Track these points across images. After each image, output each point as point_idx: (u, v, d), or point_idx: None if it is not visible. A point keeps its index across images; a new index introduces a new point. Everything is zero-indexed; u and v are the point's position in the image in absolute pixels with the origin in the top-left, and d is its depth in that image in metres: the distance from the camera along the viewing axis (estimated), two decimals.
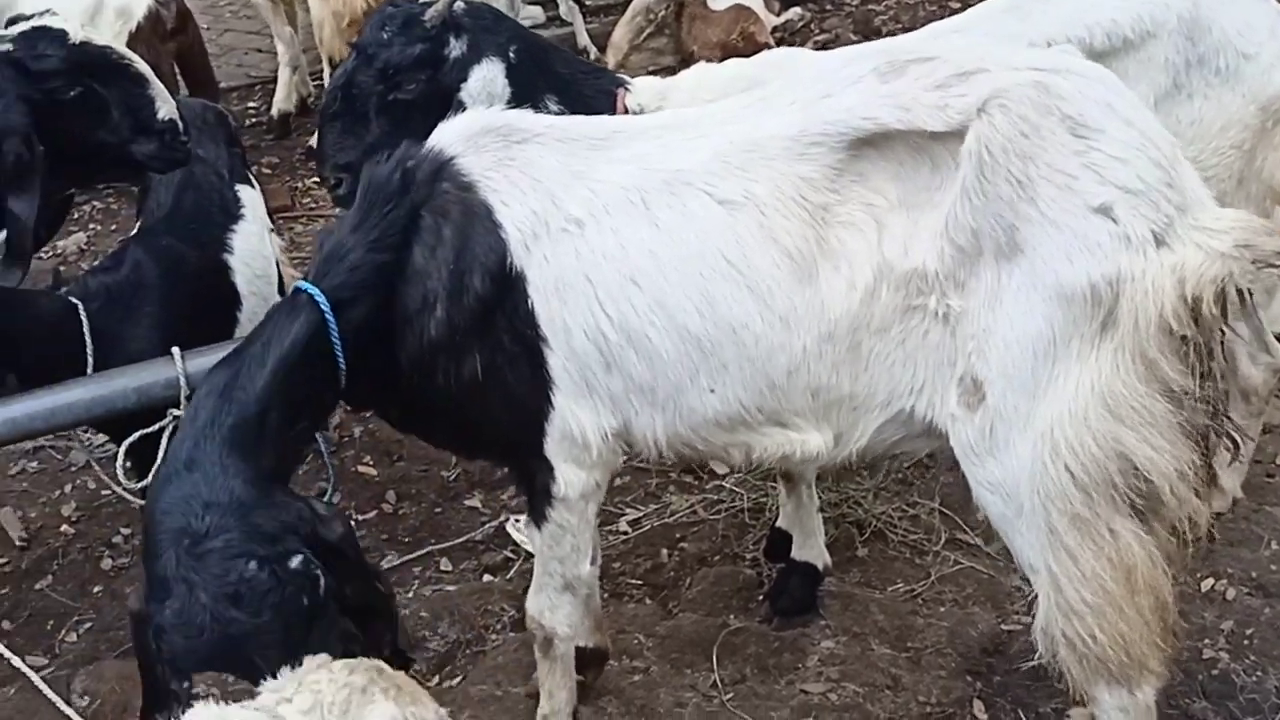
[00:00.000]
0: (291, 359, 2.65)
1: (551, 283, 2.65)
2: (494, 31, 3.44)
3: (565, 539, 2.87)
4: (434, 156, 2.73)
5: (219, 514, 2.45)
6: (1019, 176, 2.39)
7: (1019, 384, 2.44)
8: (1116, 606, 2.45)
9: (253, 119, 7.57)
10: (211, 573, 2.38)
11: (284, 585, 2.40)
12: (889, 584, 3.78)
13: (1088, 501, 2.42)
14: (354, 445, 4.74)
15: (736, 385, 2.66)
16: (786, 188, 2.56)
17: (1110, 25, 3.34)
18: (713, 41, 6.38)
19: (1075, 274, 2.36)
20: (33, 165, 3.30)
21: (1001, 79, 2.46)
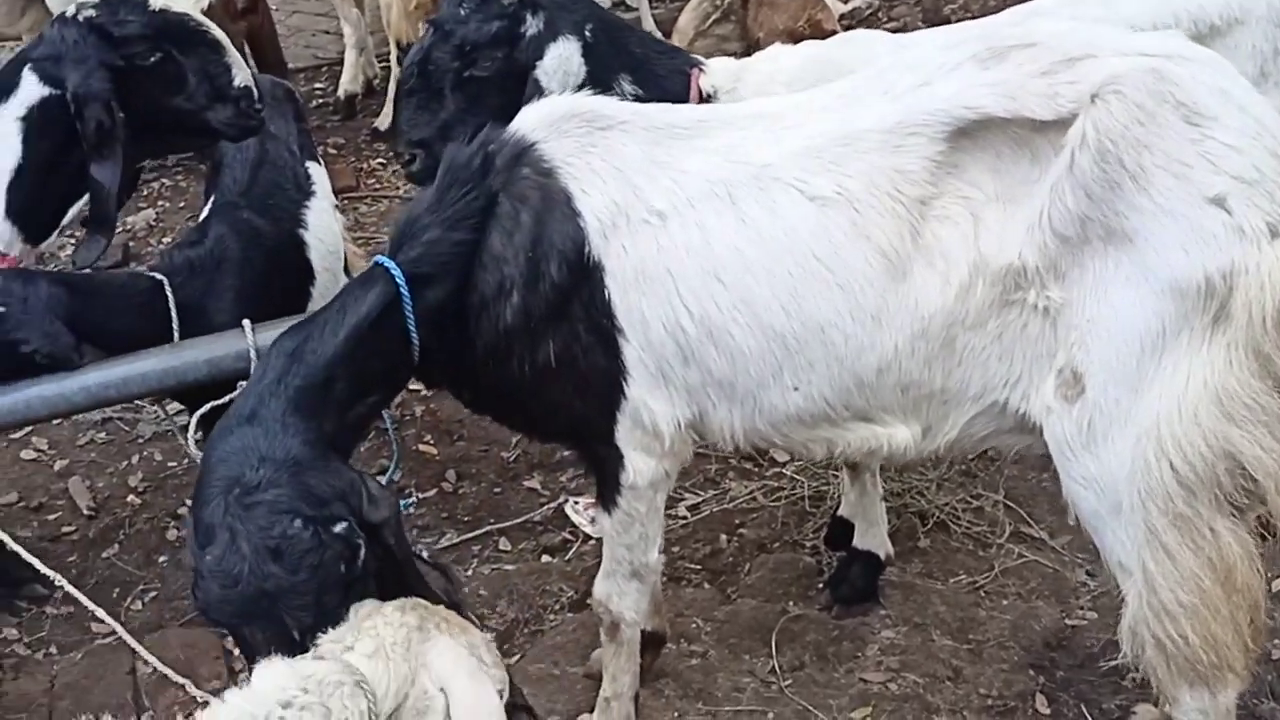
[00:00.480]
0: (364, 329, 2.66)
1: (630, 273, 2.63)
2: (570, 10, 3.43)
3: (634, 527, 2.87)
4: (516, 141, 2.72)
5: (273, 469, 2.45)
6: (1133, 166, 2.33)
7: (1122, 377, 2.38)
8: (1212, 607, 2.39)
9: (319, 100, 7.63)
10: (257, 524, 2.38)
11: (325, 548, 2.39)
12: (951, 575, 3.74)
13: (1190, 500, 2.35)
14: (415, 424, 4.77)
15: (822, 383, 2.62)
16: (881, 182, 2.50)
17: (1197, 11, 3.28)
18: (779, 28, 6.33)
19: (1189, 266, 2.30)
20: (114, 132, 3.34)
21: (1114, 65, 2.39)
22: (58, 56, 3.38)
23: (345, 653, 2.14)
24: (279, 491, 2.42)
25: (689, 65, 3.47)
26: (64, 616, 3.86)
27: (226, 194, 3.86)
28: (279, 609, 2.37)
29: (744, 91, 3.38)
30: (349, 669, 2.10)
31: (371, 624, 2.19)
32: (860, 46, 3.46)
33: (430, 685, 2.15)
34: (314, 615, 2.36)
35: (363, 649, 2.14)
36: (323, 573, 2.38)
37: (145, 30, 3.38)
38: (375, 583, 2.50)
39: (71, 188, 3.55)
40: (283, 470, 2.45)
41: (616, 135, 2.69)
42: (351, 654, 2.13)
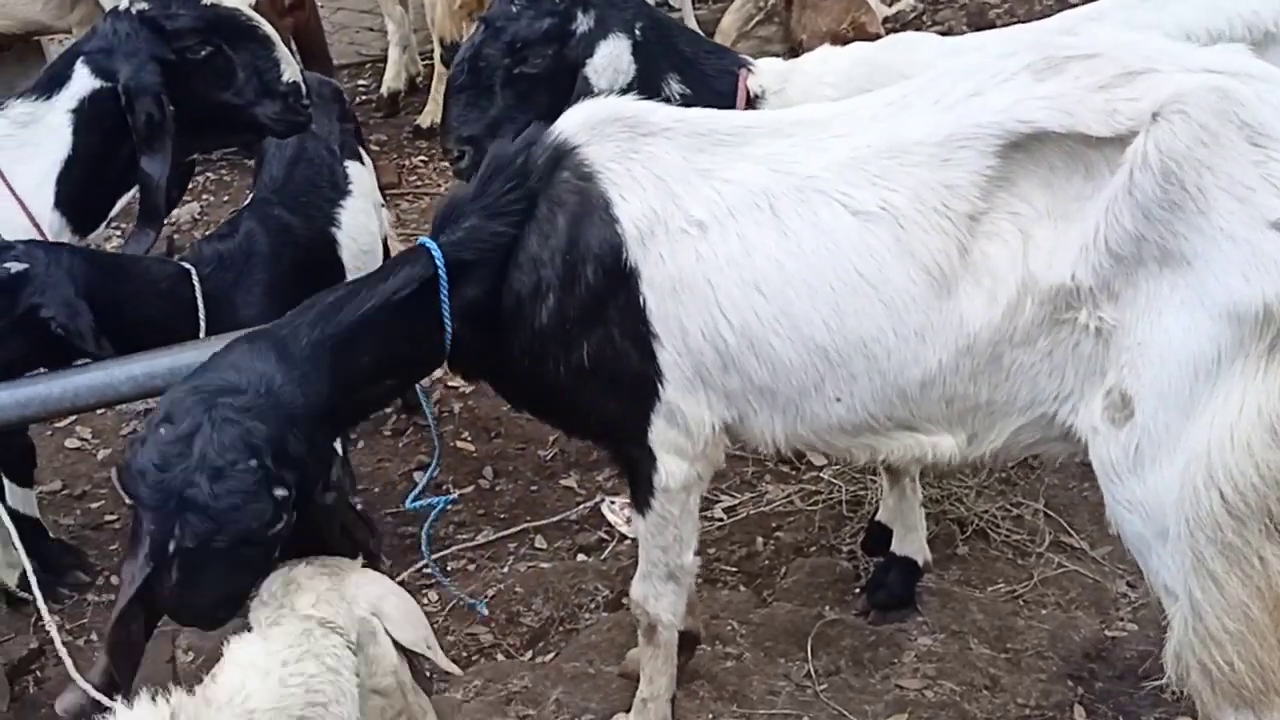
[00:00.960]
0: (398, 301, 2.66)
1: (668, 282, 2.62)
2: (621, 8, 3.43)
3: (668, 529, 2.86)
4: (558, 144, 2.71)
5: (270, 405, 2.46)
6: (1194, 187, 2.27)
7: (1173, 402, 2.32)
8: (1259, 635, 2.34)
9: (362, 97, 7.68)
10: (221, 439, 2.39)
11: (256, 500, 2.40)
12: (990, 583, 3.72)
13: (1240, 529, 2.30)
14: (453, 421, 4.79)
15: (865, 396, 2.60)
16: (929, 197, 2.46)
17: (1251, 17, 3.23)
18: (822, 30, 6.31)
19: (1249, 291, 2.24)
20: (164, 125, 3.37)
21: (1177, 82, 2.33)
22: (110, 49, 3.42)
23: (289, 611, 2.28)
24: (259, 428, 2.43)
25: (737, 65, 3.46)
26: (105, 604, 3.90)
27: (262, 190, 3.89)
28: (182, 518, 2.38)
29: (791, 93, 3.37)
30: (307, 618, 2.25)
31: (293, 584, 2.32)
32: (909, 49, 3.44)
33: (364, 612, 2.35)
34: (200, 542, 2.39)
35: (304, 603, 2.27)
36: (238, 516, 2.39)
37: (197, 24, 3.41)
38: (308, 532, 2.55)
39: (120, 180, 3.59)
40: (276, 413, 2.46)
41: (659, 142, 2.68)
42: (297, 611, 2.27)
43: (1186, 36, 3.19)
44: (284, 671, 2.18)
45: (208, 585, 2.48)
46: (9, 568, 3.79)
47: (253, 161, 4.26)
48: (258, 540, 2.43)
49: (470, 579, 3.95)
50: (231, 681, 2.18)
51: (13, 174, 3.41)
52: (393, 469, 4.59)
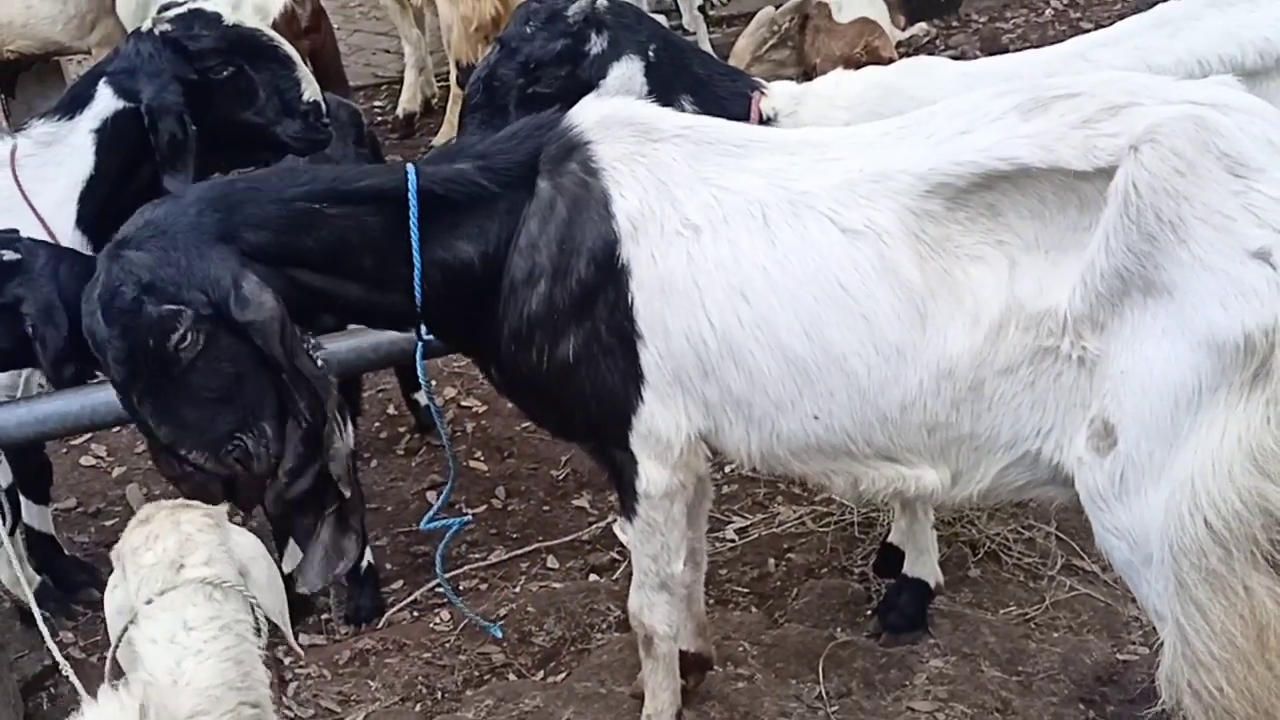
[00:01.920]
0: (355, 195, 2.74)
1: (657, 282, 2.65)
2: (635, 30, 3.46)
3: (654, 537, 2.88)
4: (571, 136, 2.76)
5: (151, 233, 2.64)
6: (1171, 217, 2.28)
7: (1156, 431, 2.33)
8: (1246, 662, 2.34)
9: (378, 118, 7.73)
10: (110, 275, 2.62)
11: (139, 317, 2.58)
12: (1001, 606, 3.71)
13: (1225, 558, 2.30)
14: (465, 440, 4.80)
15: (843, 414, 2.60)
16: (910, 221, 2.50)
17: (1264, 44, 3.24)
18: (836, 54, 6.33)
19: (1228, 322, 2.24)
20: (186, 144, 3.42)
21: (1155, 114, 2.35)
22: (133, 70, 3.46)
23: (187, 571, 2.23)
24: (139, 255, 2.61)
25: (750, 88, 3.48)
26: None
27: None
28: (96, 350, 2.66)
29: (804, 115, 3.39)
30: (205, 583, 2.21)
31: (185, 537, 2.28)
32: (922, 74, 3.46)
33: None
34: (122, 373, 2.62)
35: (196, 561, 2.24)
36: (130, 337, 2.58)
37: (219, 45, 3.46)
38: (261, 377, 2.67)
39: (141, 199, 3.59)
40: (159, 239, 2.62)
41: (666, 147, 2.72)
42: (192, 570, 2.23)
43: (1199, 63, 3.21)
44: (212, 647, 2.16)
45: (167, 407, 2.65)
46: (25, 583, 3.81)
47: None
48: (166, 356, 2.59)
49: (482, 598, 3.96)
50: (163, 662, 2.14)
51: (35, 193, 3.45)
52: (406, 488, 4.61)
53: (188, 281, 2.58)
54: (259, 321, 2.61)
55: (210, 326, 2.60)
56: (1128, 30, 3.43)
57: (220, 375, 2.64)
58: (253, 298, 2.60)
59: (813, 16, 6.55)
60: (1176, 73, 3.22)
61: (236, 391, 2.66)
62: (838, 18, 6.55)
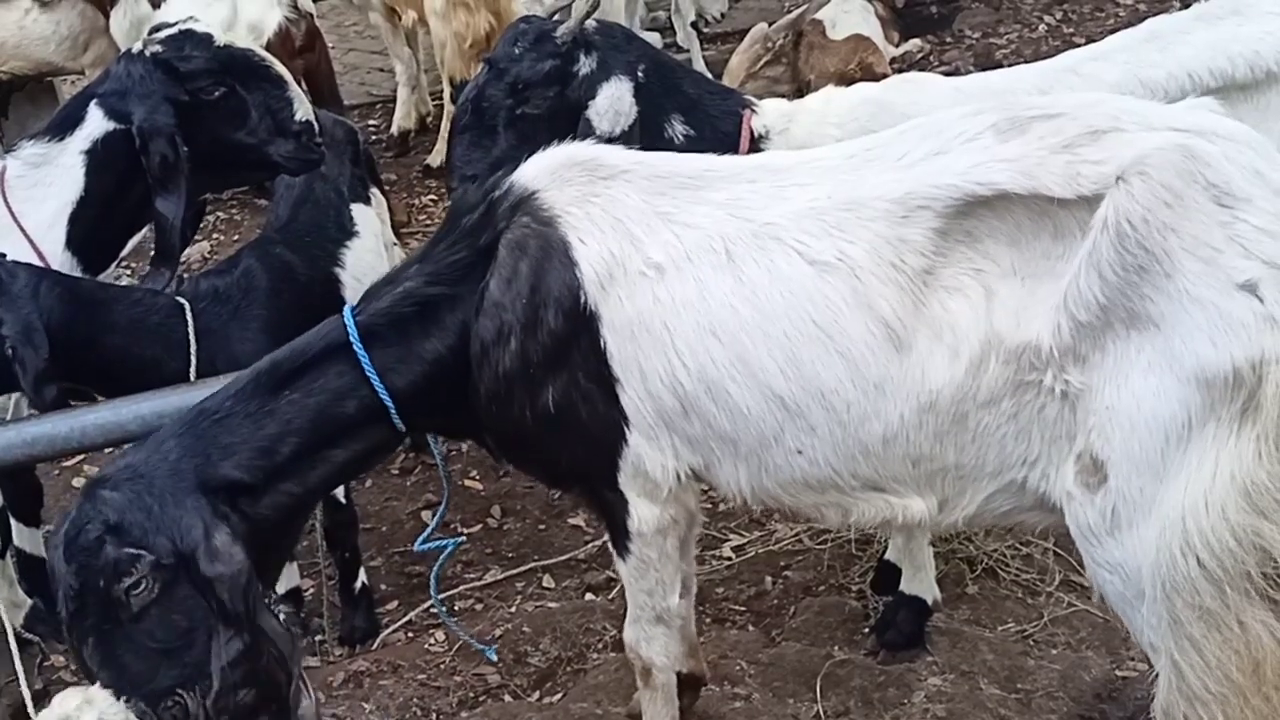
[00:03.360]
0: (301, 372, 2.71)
1: (627, 325, 2.60)
2: (624, 50, 3.46)
3: (649, 573, 2.84)
4: (517, 189, 2.72)
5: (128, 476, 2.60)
6: (1158, 249, 2.24)
7: (1146, 467, 2.29)
8: (1242, 696, 2.30)
9: (373, 136, 7.74)
10: (81, 512, 2.56)
11: (96, 559, 2.51)
12: (999, 623, 3.69)
13: (1218, 595, 2.26)
14: (461, 460, 4.78)
15: (826, 449, 2.56)
16: (885, 251, 2.44)
17: (1253, 57, 3.23)
18: (830, 71, 6.34)
19: (1216, 355, 2.20)
20: (178, 165, 3.41)
21: (1141, 143, 2.31)
22: (124, 91, 3.46)
23: None
24: (113, 495, 2.56)
25: (741, 106, 3.48)
26: None
27: (267, 230, 3.91)
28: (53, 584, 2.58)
29: (796, 132, 3.38)
30: None
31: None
32: (913, 89, 3.45)
33: None
34: (70, 610, 2.54)
35: None
36: (84, 576, 2.52)
37: (210, 65, 3.44)
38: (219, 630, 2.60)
39: (131, 220, 3.63)
40: (135, 483, 2.58)
41: (619, 185, 2.66)
42: None
43: (1189, 76, 3.20)
44: None
45: (110, 655, 2.56)
46: (14, 607, 3.79)
47: (265, 201, 4.29)
48: (116, 599, 2.52)
49: (477, 618, 3.94)
50: None
51: (24, 214, 3.45)
52: (400, 508, 4.59)
53: (156, 528, 2.54)
54: (227, 574, 2.56)
55: (169, 576, 2.54)
56: (1118, 45, 3.43)
57: (169, 627, 2.57)
58: (224, 550, 2.56)
59: (807, 33, 6.56)
60: (1168, 86, 3.22)
61: (185, 646, 2.58)
62: (832, 34, 6.57)
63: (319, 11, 6.72)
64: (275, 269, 3.68)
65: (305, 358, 2.72)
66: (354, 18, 8.79)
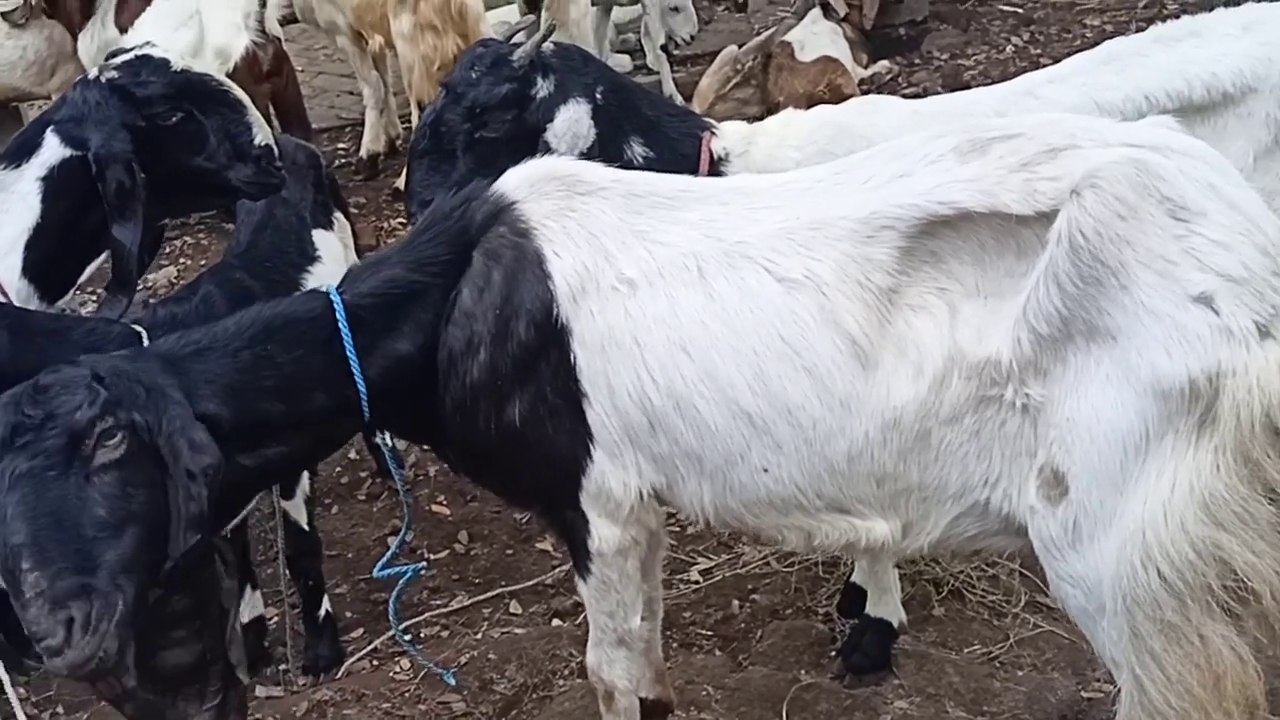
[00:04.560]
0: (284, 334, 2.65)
1: (597, 339, 2.61)
2: (581, 73, 3.45)
3: (610, 594, 2.83)
4: (495, 199, 2.72)
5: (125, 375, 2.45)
6: (1114, 262, 2.26)
7: (1106, 479, 2.30)
8: (1203, 710, 2.30)
9: (342, 160, 7.73)
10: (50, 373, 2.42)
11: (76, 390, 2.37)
12: (965, 645, 3.68)
13: (1180, 608, 2.27)
14: (428, 484, 4.76)
15: (792, 466, 2.56)
16: (851, 270, 2.46)
17: (1210, 79, 3.25)
18: (799, 93, 6.37)
19: (1172, 367, 2.21)
20: (135, 192, 3.37)
21: (1095, 157, 2.33)
22: (80, 118, 3.42)
23: None
24: (88, 370, 2.42)
25: (701, 128, 3.48)
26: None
27: (227, 255, 3.88)
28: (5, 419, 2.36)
29: (755, 155, 3.38)
30: None
31: None
32: (873, 112, 3.46)
33: None
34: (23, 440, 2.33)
35: None
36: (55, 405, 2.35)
37: (167, 90, 3.41)
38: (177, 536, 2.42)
39: (89, 247, 3.58)
40: (120, 375, 2.44)
41: (596, 201, 2.68)
42: None
43: (1146, 99, 3.22)
44: None
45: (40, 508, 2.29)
46: None
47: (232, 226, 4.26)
48: (83, 438, 2.33)
49: (443, 645, 3.91)
50: None
51: None
52: (366, 534, 4.56)
53: (143, 406, 2.41)
54: (211, 466, 2.43)
55: (137, 450, 2.38)
56: (1076, 67, 3.44)
57: (115, 506, 2.33)
58: (206, 444, 2.44)
59: (776, 55, 6.59)
60: (1124, 108, 3.24)
61: (115, 537, 2.32)
62: (801, 56, 6.60)
63: (287, 35, 6.71)
64: (235, 295, 3.64)
65: (293, 328, 2.67)
66: (322, 41, 8.77)
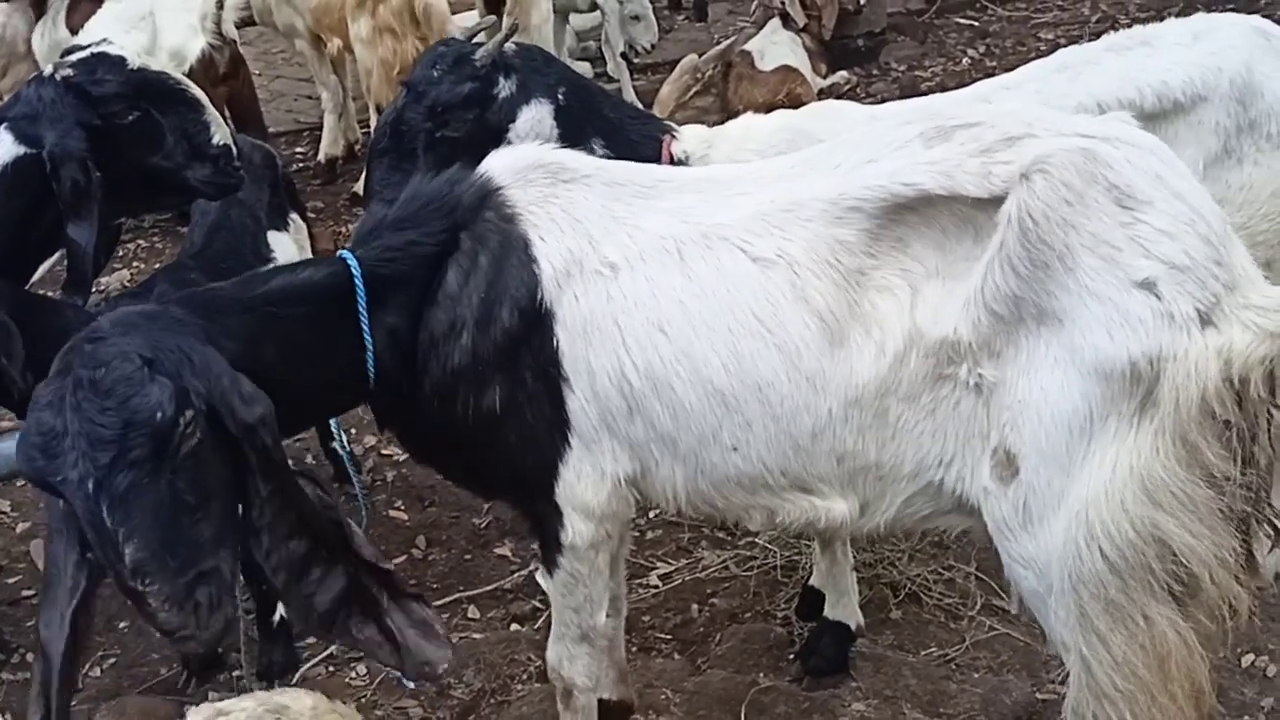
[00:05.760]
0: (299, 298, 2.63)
1: (580, 323, 2.64)
2: (543, 73, 3.46)
3: (578, 589, 2.84)
4: (482, 184, 2.74)
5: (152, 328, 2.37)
6: (1059, 246, 2.32)
7: (1053, 459, 2.36)
8: (1149, 694, 2.35)
9: (300, 164, 7.68)
10: (93, 356, 2.27)
11: (143, 386, 2.23)
12: (922, 647, 3.71)
13: (1122, 587, 2.33)
14: (386, 489, 4.73)
15: (760, 444, 2.61)
16: (821, 249, 2.53)
17: (1161, 87, 3.31)
18: (758, 102, 6.42)
19: (1114, 350, 2.28)
20: (90, 191, 3.32)
21: (1047, 145, 2.40)
22: (34, 115, 3.37)
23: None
24: (128, 339, 2.31)
25: (661, 131, 3.50)
26: (20, 682, 3.79)
27: (182, 255, 3.85)
28: (81, 444, 2.20)
29: (715, 158, 3.41)
30: None
31: None
32: (831, 117, 3.50)
33: None
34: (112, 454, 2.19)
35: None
36: (128, 412, 2.20)
37: (123, 89, 3.36)
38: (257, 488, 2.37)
39: (42, 245, 3.54)
40: (145, 327, 2.36)
41: (579, 188, 2.71)
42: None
43: (1098, 106, 3.27)
44: None
45: (147, 519, 2.22)
46: None
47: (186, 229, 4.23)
48: (169, 439, 2.24)
49: None
50: None
51: None
52: None
53: (191, 370, 2.30)
54: (267, 415, 2.35)
55: (204, 425, 2.29)
56: (1029, 75, 3.50)
57: (200, 484, 2.29)
58: (254, 392, 2.35)
59: (736, 64, 6.64)
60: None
61: (210, 509, 2.30)
62: (760, 66, 6.66)
63: (244, 38, 6.69)
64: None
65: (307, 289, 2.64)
66: (280, 45, 8.73)
